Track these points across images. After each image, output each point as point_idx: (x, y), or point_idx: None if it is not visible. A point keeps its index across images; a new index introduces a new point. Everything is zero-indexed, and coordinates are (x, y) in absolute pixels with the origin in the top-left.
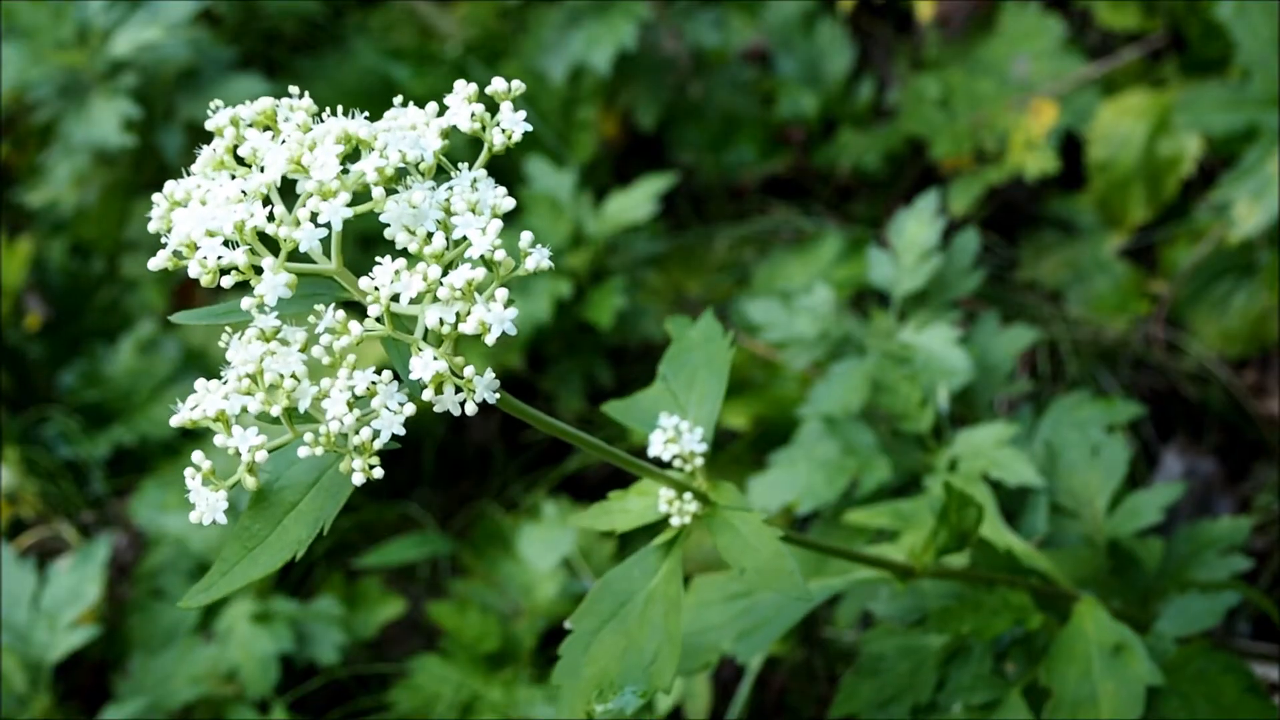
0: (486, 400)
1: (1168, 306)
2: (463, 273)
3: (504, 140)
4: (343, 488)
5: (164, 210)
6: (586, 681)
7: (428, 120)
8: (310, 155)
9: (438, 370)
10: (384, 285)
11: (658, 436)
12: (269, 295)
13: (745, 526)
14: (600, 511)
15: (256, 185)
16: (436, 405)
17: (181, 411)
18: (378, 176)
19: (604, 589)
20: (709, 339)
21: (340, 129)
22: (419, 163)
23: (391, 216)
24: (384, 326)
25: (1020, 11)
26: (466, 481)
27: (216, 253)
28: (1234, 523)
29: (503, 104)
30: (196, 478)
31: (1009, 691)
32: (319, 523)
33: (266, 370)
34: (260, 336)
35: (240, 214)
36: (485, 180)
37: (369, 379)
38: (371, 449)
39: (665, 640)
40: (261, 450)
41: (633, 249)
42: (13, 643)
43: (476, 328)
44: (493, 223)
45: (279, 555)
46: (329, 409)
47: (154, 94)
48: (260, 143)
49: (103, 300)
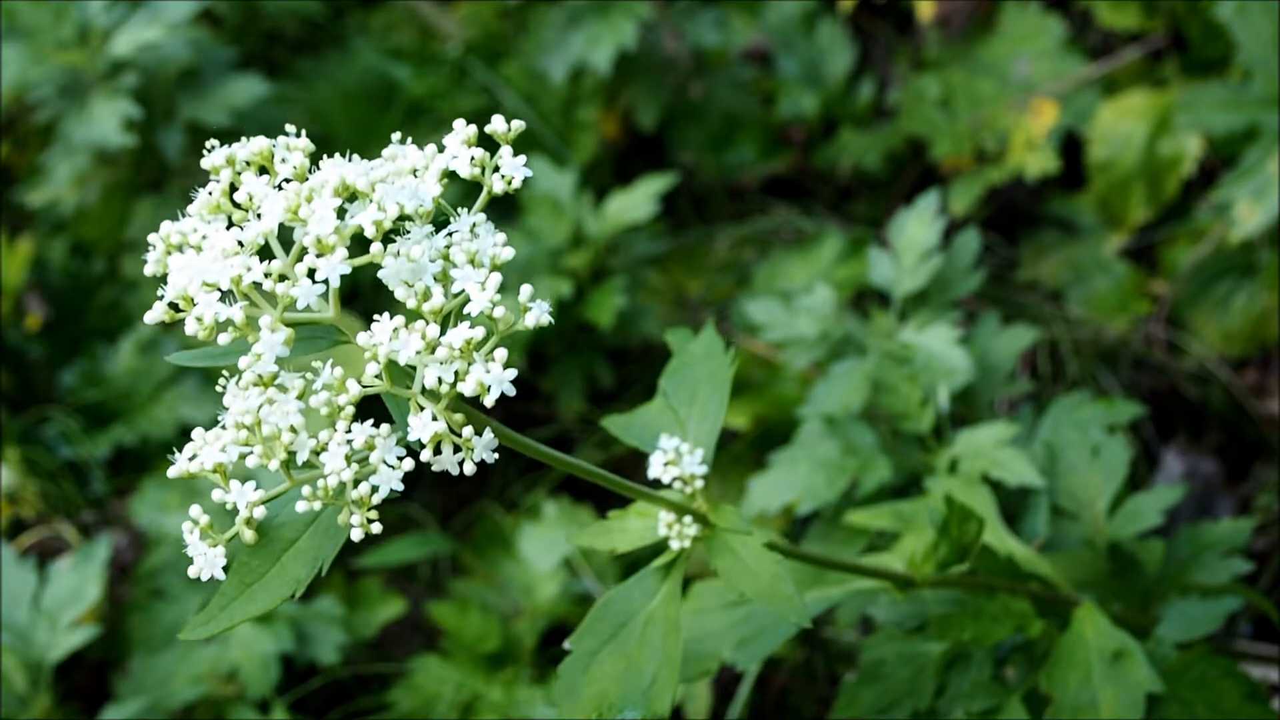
0: (485, 460)
1: (1168, 306)
2: (461, 332)
3: (504, 186)
4: (341, 529)
5: (160, 254)
6: (585, 702)
7: (427, 164)
8: (307, 207)
9: (437, 430)
10: (382, 343)
11: (658, 459)
12: (267, 354)
13: (745, 550)
14: (600, 531)
15: (253, 236)
16: (434, 465)
17: (179, 462)
18: (375, 231)
19: (604, 610)
20: (710, 354)
21: (338, 179)
22: (418, 209)
23: (390, 273)
24: (383, 382)
25: (1021, 12)
26: (467, 482)
27: (213, 310)
28: (1235, 525)
29: (503, 148)
30: (194, 532)
31: (1009, 698)
32: (318, 562)
33: (264, 421)
34: (257, 382)
35: (237, 268)
36: (485, 226)
37: (367, 432)
38: (370, 503)
39: (664, 663)
40: (259, 506)
41: (633, 249)
42: (13, 643)
43: (475, 389)
44: (492, 277)
45: (278, 593)
46: (327, 463)
47: (155, 94)
48: (256, 188)
49: (103, 300)
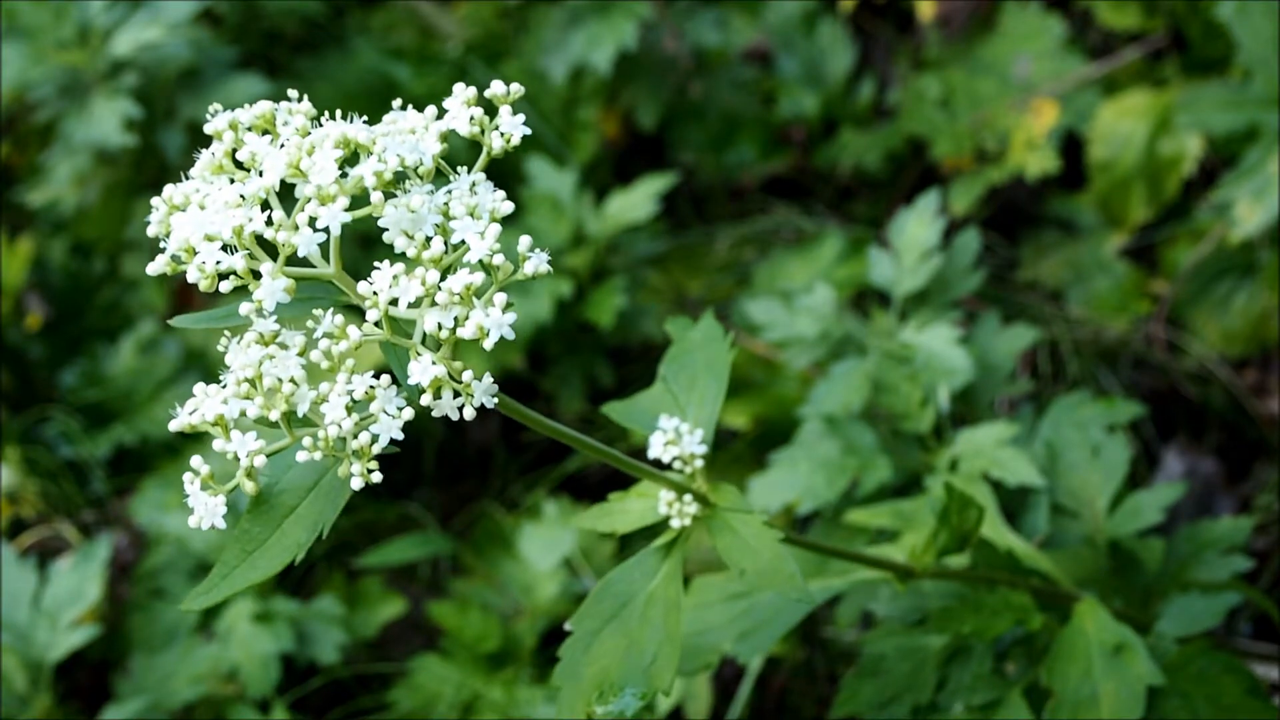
0: (485, 405)
1: (1168, 306)
2: (461, 277)
3: (503, 144)
4: (341, 491)
5: (163, 214)
6: (587, 682)
7: (427, 124)
8: (309, 160)
9: (436, 375)
10: (382, 290)
11: (658, 438)
12: (268, 300)
13: (745, 528)
14: (601, 513)
15: (255, 190)
16: (435, 410)
17: (180, 416)
18: (376, 181)
19: (604, 590)
20: (709, 340)
21: (339, 133)
22: (417, 166)
23: (390, 221)
24: (382, 331)
25: (1021, 11)
26: (467, 481)
27: (215, 258)
28: (1235, 523)
29: (501, 108)
30: (195, 482)
31: (1010, 692)
32: (318, 526)
33: (265, 374)
34: (259, 340)
35: (239, 219)
36: (484, 184)
37: (367, 383)
38: (370, 453)
39: (665, 641)
40: (260, 455)
41: (633, 249)
42: (13, 642)
43: (475, 333)
44: (491, 227)
45: (279, 559)
46: (327, 413)
47: (155, 94)
48: (259, 147)
49: (103, 300)
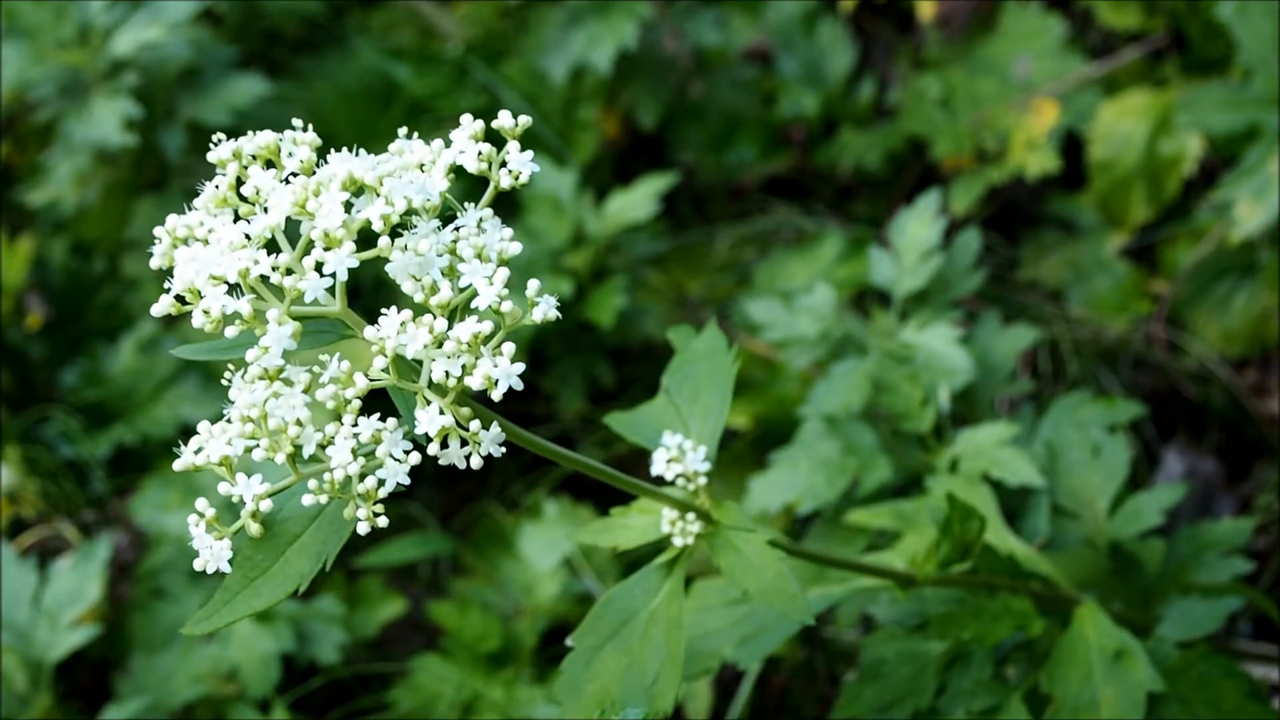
0: (491, 454)
1: (1169, 306)
2: (469, 326)
3: (511, 181)
4: (345, 523)
5: (166, 247)
6: (588, 699)
7: (434, 158)
8: (315, 201)
9: (444, 424)
10: (389, 337)
11: (661, 455)
12: (274, 347)
13: (748, 547)
14: (602, 528)
15: (260, 229)
16: (441, 459)
17: (184, 455)
18: (383, 225)
19: (606, 607)
20: (713, 351)
21: (345, 173)
22: (425, 203)
23: (397, 267)
24: (390, 376)
25: (1021, 11)
26: (467, 481)
27: (220, 302)
28: (1235, 524)
29: (510, 142)
30: (200, 524)
31: (1010, 697)
32: (321, 557)
33: (270, 414)
34: (263, 375)
35: (244, 261)
36: (491, 220)
37: (374, 426)
38: (376, 496)
39: (667, 660)
40: (266, 499)
41: (634, 248)
42: (14, 642)
43: (482, 383)
44: (499, 272)
45: (281, 587)
46: (334, 456)
47: (155, 93)
48: (263, 182)
49: (104, 300)
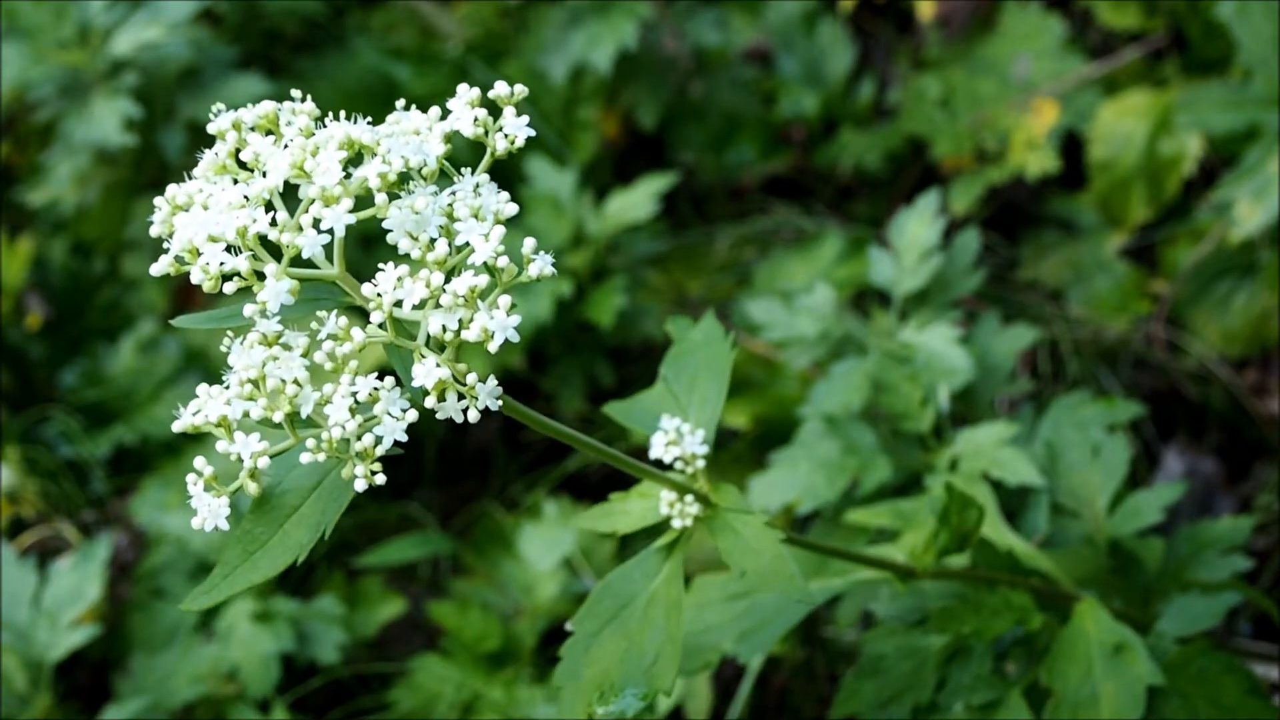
0: (489, 407)
1: (1169, 306)
2: (465, 279)
3: (506, 145)
4: (344, 492)
5: (166, 214)
6: (587, 683)
7: (430, 125)
8: (313, 160)
9: (440, 377)
10: (386, 292)
11: (659, 439)
12: (271, 302)
13: (747, 529)
14: (601, 513)
15: (259, 190)
16: (439, 412)
17: (183, 416)
18: (380, 182)
19: (605, 591)
20: (710, 341)
21: (343, 134)
22: (421, 168)
23: (394, 223)
24: (386, 333)
25: (1021, 11)
26: (467, 481)
27: (219, 259)
28: (1235, 523)
29: (505, 109)
30: (198, 483)
31: (1010, 691)
32: (320, 527)
33: (268, 376)
34: (262, 341)
35: (243, 220)
36: (488, 185)
37: (371, 385)
38: (374, 455)
39: (666, 642)
40: (264, 456)
41: (634, 248)
42: (13, 642)
43: (479, 335)
44: (495, 229)
45: (280, 559)
46: (331, 415)
47: (155, 93)
48: (262, 147)
49: (104, 300)
